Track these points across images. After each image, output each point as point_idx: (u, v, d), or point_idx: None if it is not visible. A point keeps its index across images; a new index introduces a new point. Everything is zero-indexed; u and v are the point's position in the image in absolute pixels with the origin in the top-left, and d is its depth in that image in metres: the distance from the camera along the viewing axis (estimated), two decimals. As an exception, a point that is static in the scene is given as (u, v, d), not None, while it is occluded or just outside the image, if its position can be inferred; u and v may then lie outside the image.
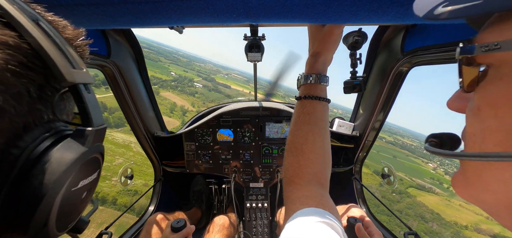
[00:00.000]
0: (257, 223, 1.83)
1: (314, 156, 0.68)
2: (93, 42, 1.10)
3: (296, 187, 0.65)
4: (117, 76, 1.32)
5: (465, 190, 0.35)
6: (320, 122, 0.71)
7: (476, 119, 0.31)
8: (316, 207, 0.55)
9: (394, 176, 1.68)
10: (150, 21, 0.61)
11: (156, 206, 1.89)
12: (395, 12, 0.55)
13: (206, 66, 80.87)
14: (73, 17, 0.56)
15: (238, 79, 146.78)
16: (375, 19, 0.60)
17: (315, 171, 0.67)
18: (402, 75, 1.26)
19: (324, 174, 0.69)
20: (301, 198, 0.60)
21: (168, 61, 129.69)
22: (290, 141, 0.72)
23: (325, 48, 0.73)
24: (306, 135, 0.69)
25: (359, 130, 1.71)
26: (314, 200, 0.58)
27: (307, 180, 0.66)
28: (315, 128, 0.70)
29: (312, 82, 0.73)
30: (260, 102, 1.84)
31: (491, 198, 0.30)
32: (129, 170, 1.75)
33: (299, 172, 0.67)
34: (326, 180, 0.69)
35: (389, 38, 1.24)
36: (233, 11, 0.57)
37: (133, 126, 1.61)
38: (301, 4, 0.54)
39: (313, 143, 0.68)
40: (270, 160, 1.80)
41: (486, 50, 0.27)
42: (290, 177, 0.68)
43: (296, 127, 0.72)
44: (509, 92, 0.25)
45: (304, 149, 0.68)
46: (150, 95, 1.70)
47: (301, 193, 0.62)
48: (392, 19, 0.59)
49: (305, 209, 0.54)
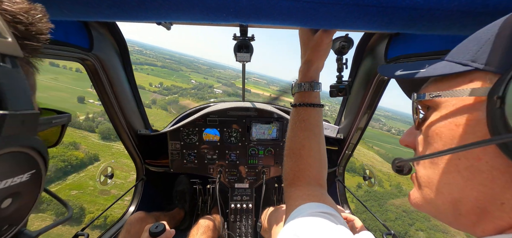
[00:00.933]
0: (242, 224, 1.82)
1: (312, 160, 0.71)
2: (73, 34, 1.04)
3: (297, 187, 0.68)
4: (99, 71, 1.27)
5: (421, 198, 0.43)
6: (315, 127, 0.74)
7: (425, 142, 0.43)
8: (317, 202, 0.57)
9: (375, 178, 1.74)
10: (136, 15, 0.59)
11: (137, 206, 1.83)
12: (380, 20, 0.57)
13: (226, 72, 79.57)
14: (54, 7, 0.53)
15: (258, 82, 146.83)
16: (362, 26, 0.62)
17: (313, 174, 0.70)
18: (385, 81, 1.31)
19: (322, 175, 0.73)
20: (303, 195, 0.62)
21: (189, 70, 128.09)
22: (288, 146, 0.75)
23: (317, 56, 0.76)
24: (303, 141, 0.72)
25: (343, 132, 1.75)
26: (316, 197, 0.61)
27: (307, 181, 0.69)
28: (311, 133, 0.73)
29: (306, 90, 0.75)
30: (247, 103, 1.84)
31: (440, 200, 0.39)
32: (109, 168, 1.68)
33: (299, 175, 0.70)
34: (324, 181, 0.73)
35: (374, 45, 1.29)
36: (224, 10, 0.56)
37: (115, 122, 1.55)
38: (291, 7, 0.55)
39: (310, 148, 0.72)
40: (256, 161, 1.81)
41: (432, 96, 0.40)
42: (291, 179, 0.71)
43: (293, 133, 0.75)
44: (446, 120, 0.38)
45: (302, 154, 0.72)
46: (134, 91, 1.64)
47: (303, 192, 0.65)
48: (377, 27, 0.61)
49: (308, 203, 0.57)
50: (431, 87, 0.43)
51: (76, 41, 1.06)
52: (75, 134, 48.03)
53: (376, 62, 1.27)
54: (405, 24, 0.58)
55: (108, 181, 1.67)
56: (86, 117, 50.80)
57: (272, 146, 1.78)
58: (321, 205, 0.55)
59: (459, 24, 0.55)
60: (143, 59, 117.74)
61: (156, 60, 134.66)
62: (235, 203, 1.82)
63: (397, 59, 1.12)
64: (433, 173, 0.40)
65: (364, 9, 0.54)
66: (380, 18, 0.56)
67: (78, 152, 44.68)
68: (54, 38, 0.97)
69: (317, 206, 0.55)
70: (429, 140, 0.41)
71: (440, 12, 0.52)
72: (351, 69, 1.48)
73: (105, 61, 1.27)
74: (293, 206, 0.59)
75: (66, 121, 0.48)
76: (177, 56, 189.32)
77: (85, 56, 1.15)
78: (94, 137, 47.77)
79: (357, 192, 41.98)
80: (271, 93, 7.32)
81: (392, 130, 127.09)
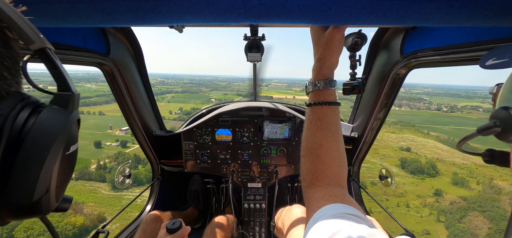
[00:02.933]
0: (255, 223, 1.83)
1: (330, 159, 0.69)
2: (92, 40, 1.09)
3: (317, 188, 0.66)
4: (116, 74, 1.32)
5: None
6: (332, 126, 0.72)
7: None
8: (341, 203, 0.55)
9: (392, 178, 1.68)
10: (150, 19, 0.60)
11: (153, 205, 1.89)
12: (395, 14, 0.55)
13: (245, 84, 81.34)
14: (72, 15, 0.56)
15: (279, 87, 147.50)
16: (376, 21, 0.60)
17: (333, 173, 0.68)
18: (401, 77, 1.26)
19: (342, 175, 0.70)
20: (325, 196, 0.60)
21: (208, 89, 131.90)
22: (305, 147, 0.73)
23: (329, 53, 0.74)
24: (320, 141, 0.70)
25: (358, 131, 1.71)
26: (338, 197, 0.59)
27: (327, 182, 0.67)
28: (328, 132, 0.71)
29: (320, 88, 0.73)
30: (258, 103, 1.84)
31: None
32: (127, 169, 1.74)
33: (318, 176, 0.68)
34: (344, 180, 0.71)
35: (389, 40, 1.24)
36: (233, 11, 0.57)
37: (131, 124, 1.61)
38: (302, 5, 0.54)
39: (328, 148, 0.70)
40: (268, 160, 1.80)
41: None
42: (309, 180, 0.69)
43: (309, 133, 0.73)
44: None
45: (320, 154, 0.69)
46: (149, 94, 1.70)
47: (323, 193, 0.63)
48: (392, 21, 0.59)
49: (331, 205, 0.55)
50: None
51: (94, 46, 1.11)
52: (85, 188, 39.93)
53: (391, 58, 1.22)
54: (422, 17, 0.55)
55: (126, 181, 1.73)
56: (97, 165, 45.60)
57: (285, 145, 1.77)
58: (346, 207, 0.53)
59: (480, 14, 0.52)
60: (165, 88, 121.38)
61: (177, 86, 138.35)
62: (248, 203, 1.83)
63: (414, 55, 1.07)
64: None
65: (377, 3, 0.52)
66: (395, 11, 0.54)
67: (77, 216, 32.03)
68: (74, 44, 1.02)
69: (343, 207, 0.53)
70: None
71: (459, 3, 0.49)
72: (365, 66, 1.44)
73: (121, 65, 1.32)
74: (315, 207, 0.57)
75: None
76: (197, 79, 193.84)
77: (102, 61, 1.21)
78: (105, 188, 40.28)
79: (441, 201, 35.00)
80: (294, 95, 7.21)
81: (443, 108, 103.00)
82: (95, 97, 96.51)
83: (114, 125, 67.49)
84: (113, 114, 75.34)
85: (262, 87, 1.88)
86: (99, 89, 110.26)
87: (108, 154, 52.83)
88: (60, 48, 0.94)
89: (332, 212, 0.51)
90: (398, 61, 1.18)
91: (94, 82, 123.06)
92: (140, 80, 1.57)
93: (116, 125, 66.95)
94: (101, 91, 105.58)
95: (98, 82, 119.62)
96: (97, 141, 57.12)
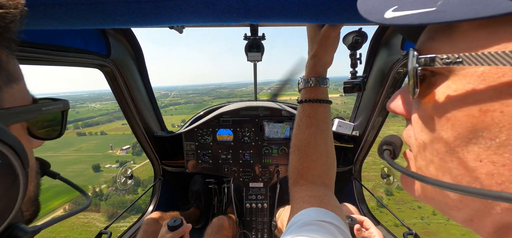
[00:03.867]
0: (257, 223, 1.83)
1: (317, 157, 0.68)
2: (92, 41, 1.09)
3: (301, 187, 0.66)
4: (116, 76, 1.32)
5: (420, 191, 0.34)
6: (322, 124, 0.71)
7: (425, 124, 0.30)
8: (318, 206, 0.55)
9: (393, 176, 1.68)
10: (150, 20, 0.61)
11: (155, 206, 1.89)
12: None
13: (247, 89, 78.96)
14: (73, 17, 0.56)
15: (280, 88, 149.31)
16: None
17: (318, 172, 0.68)
18: (402, 75, 1.26)
19: (328, 174, 0.70)
20: (305, 197, 0.60)
21: (211, 98, 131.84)
22: (293, 143, 0.73)
23: (324, 51, 0.73)
24: (308, 138, 0.70)
25: (359, 130, 1.71)
26: (317, 199, 0.59)
27: (311, 180, 0.67)
28: (317, 130, 0.70)
29: (312, 85, 0.73)
30: (259, 102, 1.84)
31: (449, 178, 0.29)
32: (128, 170, 1.75)
33: (303, 174, 0.68)
34: (330, 180, 0.70)
35: (389, 38, 1.24)
36: (233, 11, 0.57)
37: (133, 125, 1.61)
38: (301, 4, 0.54)
39: (316, 145, 0.69)
40: (269, 160, 1.80)
41: (447, 63, 0.25)
42: (294, 178, 0.69)
43: (298, 130, 0.73)
44: (464, 100, 0.24)
45: (307, 151, 0.69)
46: (150, 94, 1.70)
47: (305, 193, 0.63)
48: None
49: (307, 209, 0.55)
50: (442, 42, 0.27)
51: (94, 48, 1.12)
52: (78, 221, 36.50)
53: (392, 56, 1.22)
54: None
55: (128, 182, 1.74)
56: (93, 192, 41.43)
57: (286, 144, 1.77)
58: (323, 212, 0.53)
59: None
60: (168, 101, 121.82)
61: (180, 98, 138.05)
62: (250, 203, 1.83)
63: None
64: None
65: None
66: None
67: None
68: (75, 46, 1.03)
69: (318, 213, 0.52)
70: (433, 124, 0.28)
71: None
72: (366, 64, 1.43)
73: (122, 66, 1.32)
74: (294, 209, 0.58)
75: (62, 108, 0.46)
76: (200, 88, 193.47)
77: (103, 63, 1.21)
78: (99, 219, 36.48)
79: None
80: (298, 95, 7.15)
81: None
82: (98, 117, 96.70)
83: (115, 144, 66.84)
84: (115, 133, 74.70)
85: (264, 90, 1.88)
86: (103, 108, 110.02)
87: (107, 178, 49.80)
88: (61, 50, 0.94)
89: (305, 218, 0.51)
90: (399, 59, 1.18)
91: (99, 102, 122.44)
92: (141, 82, 1.57)
93: (117, 144, 66.37)
94: (105, 110, 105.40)
95: (103, 102, 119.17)
96: (96, 165, 55.09)
